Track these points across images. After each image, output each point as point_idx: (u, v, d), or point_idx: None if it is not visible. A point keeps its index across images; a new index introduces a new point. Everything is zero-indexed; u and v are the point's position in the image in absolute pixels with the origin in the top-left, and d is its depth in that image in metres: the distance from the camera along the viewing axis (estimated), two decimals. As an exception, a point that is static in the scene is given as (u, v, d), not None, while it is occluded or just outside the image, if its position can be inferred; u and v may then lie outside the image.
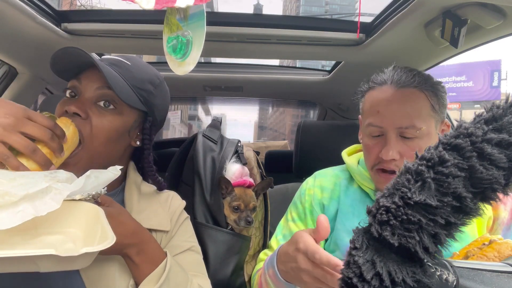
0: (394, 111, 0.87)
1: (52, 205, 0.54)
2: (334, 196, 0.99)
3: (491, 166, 0.35)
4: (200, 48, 0.96)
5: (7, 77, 1.47)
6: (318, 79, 1.91)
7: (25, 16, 1.11)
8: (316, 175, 1.08)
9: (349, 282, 0.36)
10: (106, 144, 0.79)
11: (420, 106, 0.87)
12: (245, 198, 1.28)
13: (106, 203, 0.72)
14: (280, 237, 1.02)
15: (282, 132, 20.80)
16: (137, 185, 0.88)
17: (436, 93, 0.90)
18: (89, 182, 0.62)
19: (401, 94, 0.88)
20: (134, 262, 0.72)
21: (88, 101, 0.77)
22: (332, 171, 1.06)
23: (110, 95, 0.78)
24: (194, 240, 0.92)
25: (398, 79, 0.90)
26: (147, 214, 0.84)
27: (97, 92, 0.78)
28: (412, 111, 0.86)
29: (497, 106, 0.38)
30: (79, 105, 0.76)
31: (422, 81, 0.89)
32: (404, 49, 1.27)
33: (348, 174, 1.03)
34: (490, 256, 0.63)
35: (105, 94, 0.78)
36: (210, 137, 1.39)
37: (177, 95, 2.38)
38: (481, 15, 0.93)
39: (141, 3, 0.94)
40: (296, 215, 1.02)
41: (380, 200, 0.37)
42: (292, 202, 1.08)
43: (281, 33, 1.27)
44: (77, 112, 0.75)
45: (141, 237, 0.73)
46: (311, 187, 1.03)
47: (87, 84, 0.78)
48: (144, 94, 0.83)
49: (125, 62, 0.82)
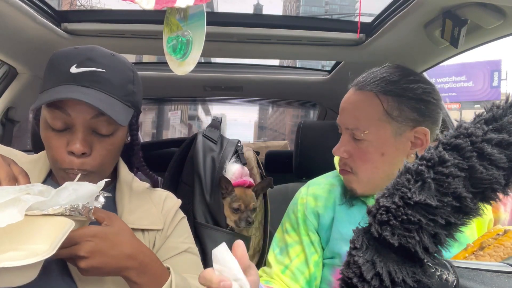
0: (345, 111, 0.92)
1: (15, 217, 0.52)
2: (329, 204, 0.96)
3: (491, 166, 0.35)
4: (200, 48, 0.96)
5: (7, 77, 1.47)
6: (318, 79, 1.91)
7: (25, 16, 1.11)
8: (309, 184, 1.05)
9: (349, 282, 0.36)
10: (114, 156, 0.80)
11: (369, 110, 0.87)
12: (245, 199, 1.28)
13: (103, 221, 0.68)
14: (277, 251, 0.99)
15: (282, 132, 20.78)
16: (128, 184, 0.86)
17: (399, 100, 0.85)
18: (65, 195, 0.59)
19: (355, 96, 0.91)
20: (135, 283, 0.69)
21: (86, 133, 0.73)
22: (325, 179, 1.03)
23: (108, 120, 0.74)
24: (191, 241, 0.90)
25: (359, 81, 0.91)
26: (139, 214, 0.82)
27: (92, 122, 0.73)
28: (359, 114, 0.88)
29: (497, 106, 0.38)
30: (83, 143, 0.72)
31: (382, 85, 0.86)
32: (404, 49, 1.27)
33: (342, 180, 1.00)
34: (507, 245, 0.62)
35: (103, 121, 0.74)
36: (210, 137, 1.39)
37: (177, 95, 2.38)
38: (481, 15, 0.93)
39: (141, 3, 0.94)
40: (290, 226, 0.99)
41: (380, 200, 0.37)
42: (286, 213, 1.05)
43: (281, 33, 1.27)
44: (85, 152, 0.72)
45: (141, 258, 0.69)
46: (303, 196, 1.00)
47: (77, 116, 0.72)
48: (130, 98, 0.78)
49: (101, 71, 0.73)
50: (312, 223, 0.95)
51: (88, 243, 0.63)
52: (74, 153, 0.72)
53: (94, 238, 0.64)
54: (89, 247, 0.63)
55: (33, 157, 0.85)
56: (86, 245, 0.63)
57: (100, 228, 0.66)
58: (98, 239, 0.64)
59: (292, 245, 0.96)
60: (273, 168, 2.14)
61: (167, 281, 0.71)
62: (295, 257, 0.94)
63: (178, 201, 0.93)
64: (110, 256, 0.65)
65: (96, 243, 0.64)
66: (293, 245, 0.95)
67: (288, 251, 0.95)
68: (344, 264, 0.38)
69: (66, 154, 0.73)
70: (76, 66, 0.72)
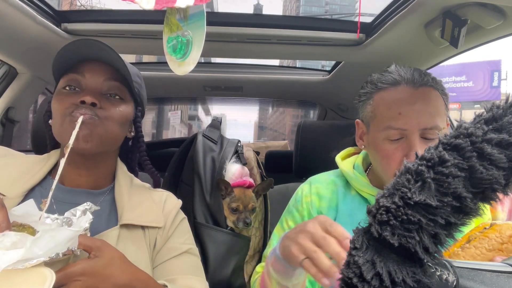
0: (418, 111, 0.82)
1: None
2: (332, 204, 0.95)
3: (491, 166, 0.35)
4: (200, 48, 0.96)
5: (7, 77, 1.47)
6: (318, 79, 1.91)
7: (25, 16, 1.11)
8: (311, 181, 1.02)
9: (349, 282, 0.36)
10: (119, 126, 0.82)
11: (439, 105, 0.84)
12: (244, 199, 1.28)
13: (91, 251, 0.63)
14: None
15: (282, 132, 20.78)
16: (127, 182, 0.87)
17: (444, 91, 0.87)
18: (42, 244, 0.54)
19: (421, 94, 0.83)
20: None
21: (98, 93, 0.78)
22: (328, 177, 1.01)
23: (118, 87, 0.81)
24: (192, 242, 0.90)
25: (412, 79, 0.85)
26: (140, 211, 0.82)
27: (105, 84, 0.80)
28: (434, 111, 0.82)
29: (497, 106, 0.38)
30: (95, 96, 0.76)
31: (433, 79, 0.86)
32: (404, 49, 1.27)
33: (345, 180, 0.98)
34: (491, 237, 0.64)
35: (113, 85, 0.80)
36: (210, 137, 1.39)
37: (177, 95, 2.38)
38: (481, 15, 0.93)
39: (141, 3, 0.94)
40: (293, 224, 0.98)
41: (380, 200, 0.37)
42: (287, 210, 1.03)
43: (281, 33, 1.27)
44: (95, 102, 0.75)
45: (135, 286, 0.66)
46: (307, 195, 0.98)
47: (91, 77, 0.79)
48: (137, 86, 0.87)
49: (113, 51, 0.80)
50: None
51: (76, 283, 0.59)
52: (85, 102, 0.75)
53: (82, 276, 0.59)
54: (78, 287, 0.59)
55: (36, 158, 0.86)
56: (74, 285, 0.58)
57: (87, 263, 0.61)
58: (86, 277, 0.60)
59: None
60: (273, 168, 2.14)
61: None
62: None
63: (178, 201, 0.93)
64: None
65: (85, 281, 0.59)
66: None
67: None
68: (344, 264, 0.38)
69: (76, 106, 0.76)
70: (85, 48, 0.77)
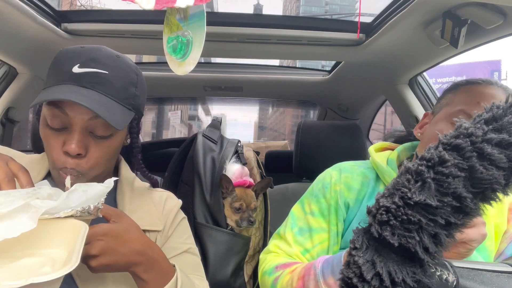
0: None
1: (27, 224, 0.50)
2: (359, 197, 0.93)
3: (491, 166, 0.35)
4: (200, 48, 0.97)
5: (7, 77, 1.47)
6: (318, 79, 1.91)
7: (25, 16, 1.11)
8: (341, 169, 0.99)
9: (349, 282, 0.36)
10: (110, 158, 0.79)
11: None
12: (246, 198, 1.28)
13: (111, 218, 0.67)
14: (296, 230, 0.95)
15: (282, 132, 20.78)
16: (129, 183, 0.86)
17: None
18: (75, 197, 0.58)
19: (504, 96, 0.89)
20: (142, 279, 0.69)
21: (83, 134, 0.73)
22: (358, 168, 0.98)
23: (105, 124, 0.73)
24: (192, 241, 0.90)
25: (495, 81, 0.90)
26: (140, 214, 0.82)
27: (90, 124, 0.73)
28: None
29: (497, 106, 0.38)
30: (79, 144, 0.72)
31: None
32: (404, 49, 1.27)
33: (375, 174, 0.96)
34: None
35: (100, 124, 0.73)
36: (210, 137, 1.39)
37: (177, 95, 2.38)
38: (481, 15, 0.93)
39: (141, 3, 0.94)
40: (317, 210, 0.95)
41: (380, 200, 0.37)
42: (311, 194, 0.99)
43: (281, 33, 1.27)
44: (80, 153, 0.72)
45: (149, 254, 0.70)
46: (337, 182, 0.96)
47: (75, 116, 0.72)
48: (131, 101, 0.78)
49: (103, 72, 0.73)
50: (342, 214, 0.93)
51: (99, 242, 0.63)
52: (69, 153, 0.71)
53: (105, 236, 0.64)
54: (101, 246, 0.63)
55: (35, 157, 0.85)
56: (97, 244, 0.62)
57: (110, 226, 0.66)
58: (109, 237, 0.64)
59: (317, 231, 0.93)
60: (273, 168, 2.14)
61: (173, 278, 0.71)
62: (318, 244, 0.92)
63: (179, 201, 0.93)
64: (121, 253, 0.65)
65: (107, 242, 0.63)
66: (319, 231, 0.93)
67: (312, 235, 0.93)
68: (344, 264, 0.38)
69: (61, 153, 0.73)
70: (79, 66, 0.72)
